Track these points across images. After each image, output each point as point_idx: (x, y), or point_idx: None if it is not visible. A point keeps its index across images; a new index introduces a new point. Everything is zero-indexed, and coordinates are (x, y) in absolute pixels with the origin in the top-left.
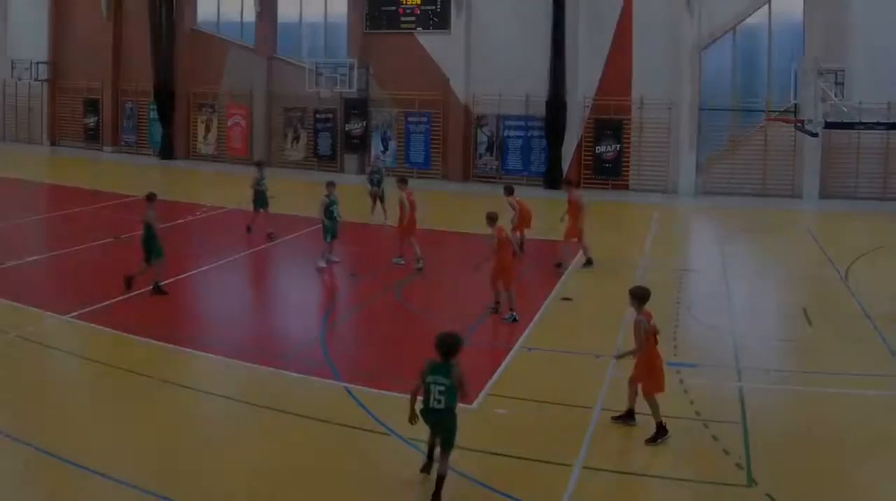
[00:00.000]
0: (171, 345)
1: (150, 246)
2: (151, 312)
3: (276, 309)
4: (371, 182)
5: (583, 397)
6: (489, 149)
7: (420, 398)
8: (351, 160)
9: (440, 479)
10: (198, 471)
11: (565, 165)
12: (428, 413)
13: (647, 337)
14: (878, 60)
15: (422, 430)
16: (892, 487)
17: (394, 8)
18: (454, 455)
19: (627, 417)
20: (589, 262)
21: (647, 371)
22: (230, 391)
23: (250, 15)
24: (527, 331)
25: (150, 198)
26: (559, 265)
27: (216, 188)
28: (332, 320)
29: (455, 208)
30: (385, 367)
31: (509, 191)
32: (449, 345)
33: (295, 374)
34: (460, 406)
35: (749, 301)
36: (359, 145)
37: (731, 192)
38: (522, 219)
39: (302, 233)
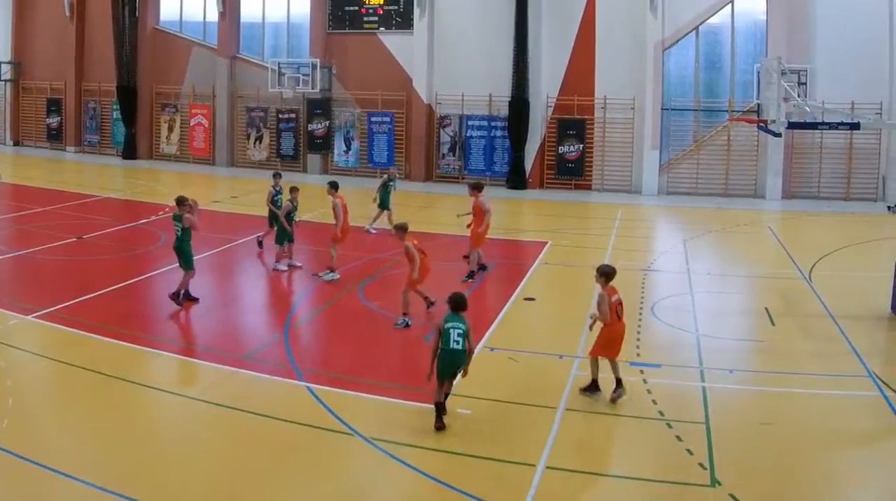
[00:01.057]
0: (134, 345)
1: (186, 251)
2: (114, 312)
3: (239, 309)
4: (384, 192)
5: (546, 397)
6: (452, 149)
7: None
8: (314, 160)
9: (447, 396)
10: (160, 471)
11: (528, 165)
12: (448, 354)
13: (610, 311)
14: (841, 60)
15: (385, 430)
16: (855, 487)
17: (356, 8)
18: (419, 455)
19: (593, 388)
20: (482, 268)
21: (605, 340)
22: (193, 391)
23: (213, 15)
24: (490, 331)
25: (181, 202)
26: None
27: (179, 188)
28: (294, 320)
29: (417, 208)
30: (347, 367)
31: (477, 188)
32: (458, 301)
33: (257, 374)
34: (422, 406)
35: (712, 301)
36: (322, 145)
37: (695, 192)
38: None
39: (266, 234)
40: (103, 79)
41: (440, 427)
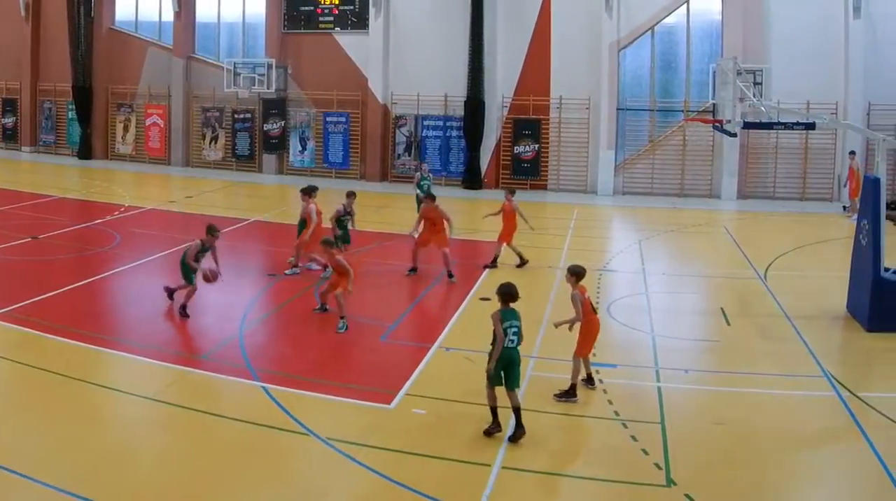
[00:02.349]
0: (89, 345)
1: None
2: (70, 312)
3: (195, 309)
4: (420, 189)
5: (502, 397)
6: (408, 149)
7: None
8: (269, 160)
9: (517, 410)
10: (116, 471)
11: (484, 165)
12: (504, 352)
13: (584, 308)
14: (796, 61)
15: (341, 430)
16: (809, 486)
17: (312, 8)
18: (374, 456)
19: (571, 392)
20: (494, 264)
21: (586, 336)
22: (148, 391)
23: (168, 15)
24: (445, 331)
25: (212, 232)
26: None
27: (134, 188)
28: (250, 320)
29: (374, 208)
30: (303, 367)
31: (512, 192)
32: (508, 292)
33: (213, 374)
34: (377, 406)
35: (668, 301)
36: (277, 145)
37: (650, 192)
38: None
39: (221, 234)
40: (59, 79)
41: (489, 433)
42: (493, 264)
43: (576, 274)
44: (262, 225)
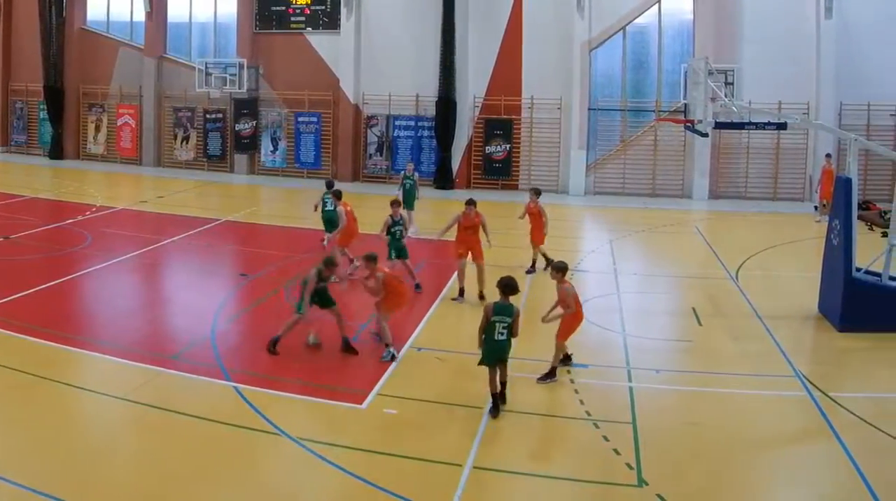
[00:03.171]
0: (61, 345)
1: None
2: (41, 312)
3: (167, 310)
4: (402, 188)
5: (472, 397)
6: (379, 149)
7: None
8: (241, 160)
9: (503, 384)
10: (87, 471)
11: (455, 165)
12: (494, 344)
13: (574, 300)
14: (767, 61)
15: (313, 430)
16: (781, 486)
17: (283, 8)
18: (346, 456)
19: (552, 374)
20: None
21: (569, 326)
22: (120, 391)
23: (140, 15)
24: (417, 331)
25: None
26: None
27: (106, 188)
28: (221, 320)
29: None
30: (274, 367)
31: (537, 193)
32: (508, 285)
33: (185, 374)
34: (349, 405)
35: (639, 301)
36: (248, 145)
37: (622, 192)
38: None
39: (193, 234)
40: (30, 79)
41: (494, 415)
42: (531, 269)
43: (561, 269)
44: (234, 224)
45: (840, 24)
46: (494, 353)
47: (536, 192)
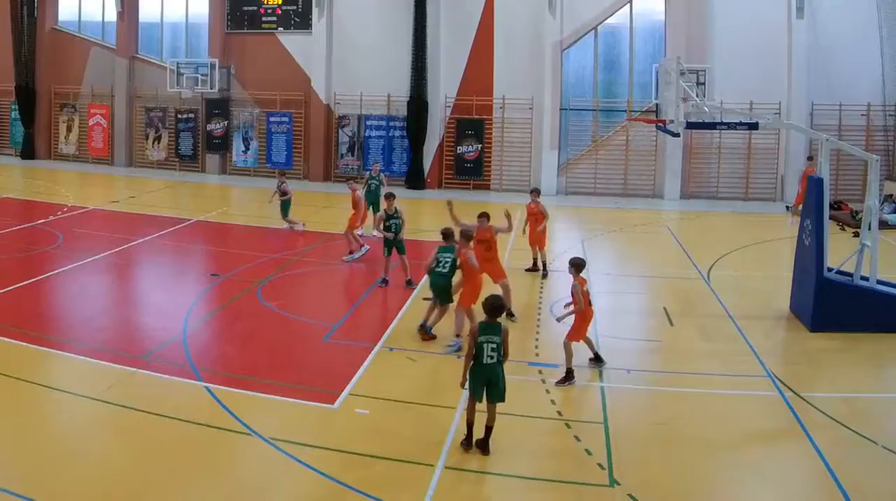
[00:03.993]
0: (33, 345)
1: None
2: (13, 313)
3: (138, 309)
4: (368, 189)
5: (445, 397)
6: (351, 149)
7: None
8: (212, 160)
9: (489, 429)
10: (59, 472)
11: (427, 165)
12: (482, 369)
13: (584, 298)
14: (739, 61)
15: (284, 430)
16: (753, 486)
17: (255, 8)
18: (318, 456)
19: (569, 376)
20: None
21: (580, 325)
22: (91, 391)
23: (111, 15)
24: (388, 331)
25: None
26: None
27: (77, 188)
28: (193, 320)
29: (317, 208)
30: (246, 367)
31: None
32: (495, 306)
33: (157, 374)
34: (321, 405)
35: (611, 301)
36: (220, 145)
37: (593, 192)
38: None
39: (164, 234)
40: (1, 79)
41: (466, 447)
42: (544, 272)
43: (575, 265)
44: (205, 224)
45: (811, 25)
46: (483, 376)
47: (537, 192)
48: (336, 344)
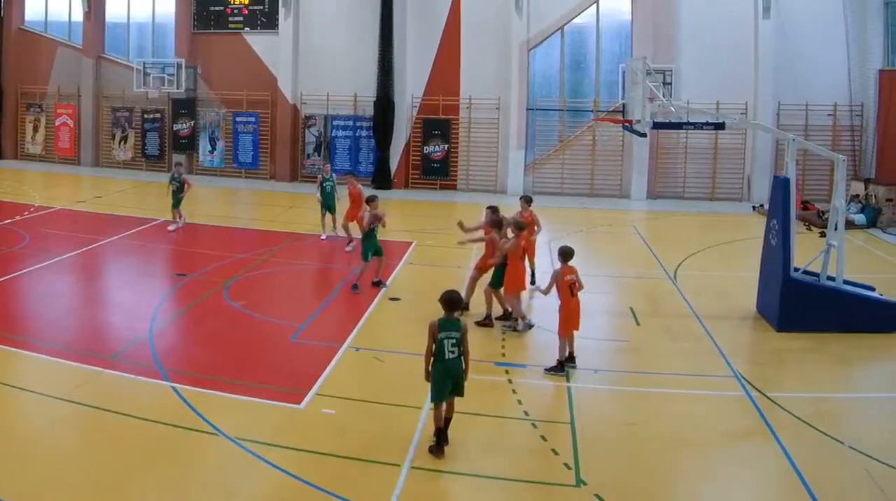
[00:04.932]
0: None
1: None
2: None
3: (105, 309)
4: (322, 191)
5: (411, 397)
6: (317, 149)
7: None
8: (179, 160)
9: (448, 420)
10: (25, 472)
11: (393, 165)
12: (445, 364)
13: (559, 287)
14: (705, 61)
15: (251, 430)
16: (719, 486)
17: (221, 8)
18: (284, 456)
19: (559, 368)
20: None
21: (565, 318)
22: (56, 391)
23: (78, 15)
24: (355, 331)
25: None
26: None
27: (44, 188)
28: (159, 320)
29: (284, 208)
30: (212, 367)
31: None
32: (452, 300)
33: (123, 374)
34: (287, 405)
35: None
36: (187, 145)
37: (560, 192)
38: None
39: (131, 234)
40: None
41: (438, 454)
42: (532, 278)
43: (562, 253)
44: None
45: (778, 25)
46: (447, 374)
47: (528, 200)
48: (302, 344)
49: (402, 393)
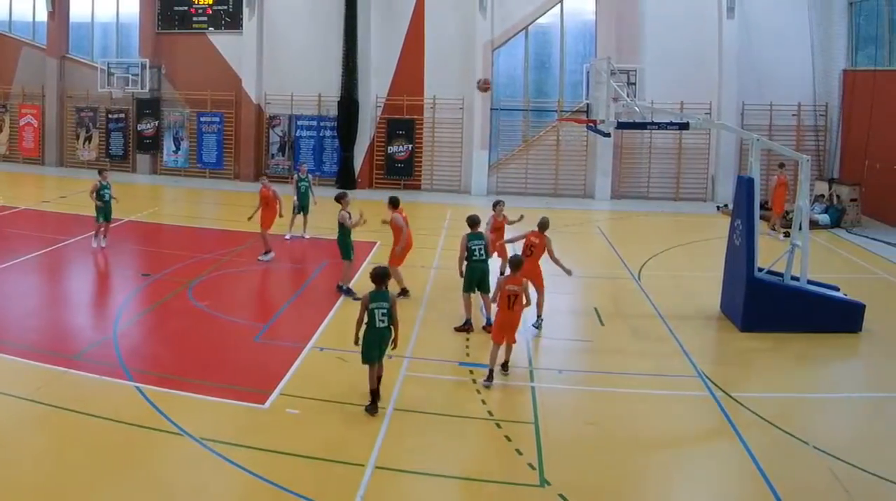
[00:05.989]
0: None
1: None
2: None
3: (69, 309)
4: (298, 191)
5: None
6: (281, 149)
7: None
8: (143, 160)
9: (380, 379)
10: None
11: (357, 165)
12: (376, 332)
13: (500, 297)
14: (670, 61)
15: (215, 430)
16: (684, 486)
17: (185, 8)
18: (248, 456)
19: (488, 376)
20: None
21: (498, 327)
22: (21, 391)
23: (42, 14)
24: (319, 331)
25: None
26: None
27: (8, 188)
28: (124, 320)
29: (248, 209)
30: (177, 367)
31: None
32: (379, 274)
33: (87, 374)
34: (251, 405)
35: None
36: (151, 145)
37: (524, 192)
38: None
39: (94, 234)
40: None
41: (374, 412)
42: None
43: (512, 263)
44: (136, 225)
45: (742, 25)
46: (376, 341)
47: (503, 204)
48: (267, 345)
49: (366, 393)
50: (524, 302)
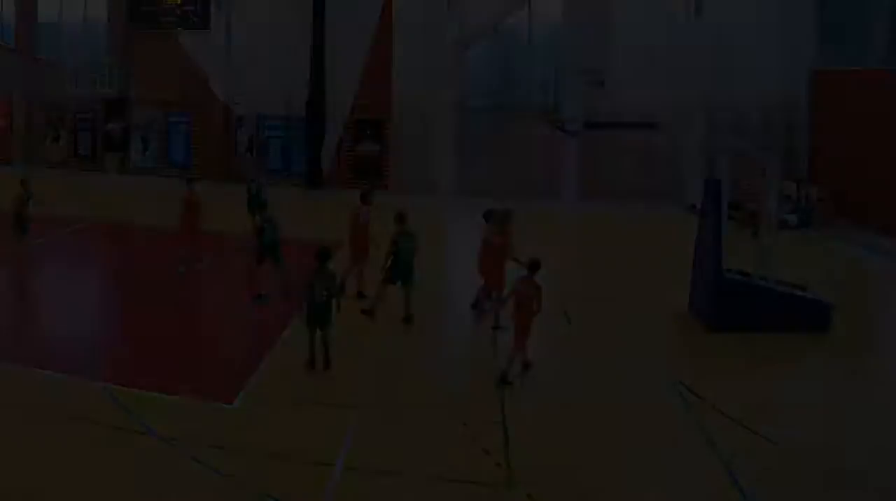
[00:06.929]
0: None
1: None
2: None
3: (35, 308)
4: (249, 192)
5: (345, 396)
6: (249, 149)
7: None
8: (111, 160)
9: (327, 347)
10: None
11: (326, 165)
12: (315, 306)
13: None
14: (639, 61)
15: (184, 430)
16: (651, 486)
17: (154, 7)
18: (215, 455)
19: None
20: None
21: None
22: None
23: (10, 15)
24: (288, 329)
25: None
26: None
27: None
28: (91, 319)
29: (213, 208)
30: (144, 365)
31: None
32: (322, 253)
33: (52, 373)
34: (221, 405)
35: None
36: (119, 145)
37: (491, 192)
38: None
39: (61, 235)
40: None
41: (309, 365)
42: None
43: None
44: (103, 226)
45: (710, 24)
46: (317, 312)
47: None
48: (235, 343)
49: (334, 392)
50: (534, 307)
